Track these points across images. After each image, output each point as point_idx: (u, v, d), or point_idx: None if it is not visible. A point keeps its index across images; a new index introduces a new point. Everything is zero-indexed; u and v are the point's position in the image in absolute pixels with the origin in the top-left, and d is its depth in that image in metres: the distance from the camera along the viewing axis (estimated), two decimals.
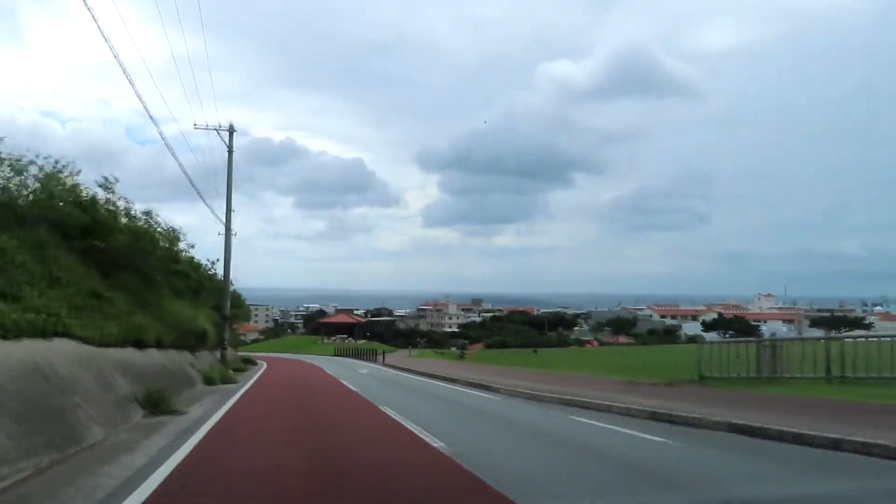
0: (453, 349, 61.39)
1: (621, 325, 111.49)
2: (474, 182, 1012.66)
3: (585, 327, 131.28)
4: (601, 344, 72.97)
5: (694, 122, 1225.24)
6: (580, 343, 74.15)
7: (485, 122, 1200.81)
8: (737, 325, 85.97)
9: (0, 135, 12.02)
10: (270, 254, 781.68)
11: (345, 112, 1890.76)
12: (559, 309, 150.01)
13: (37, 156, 13.52)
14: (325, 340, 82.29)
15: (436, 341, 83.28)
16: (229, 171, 27.88)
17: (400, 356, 51.52)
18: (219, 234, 28.52)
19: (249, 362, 34.26)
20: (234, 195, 28.21)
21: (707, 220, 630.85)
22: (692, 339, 76.94)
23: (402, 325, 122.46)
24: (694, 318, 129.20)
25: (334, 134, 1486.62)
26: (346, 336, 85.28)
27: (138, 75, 31.81)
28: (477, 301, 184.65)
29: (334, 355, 57.13)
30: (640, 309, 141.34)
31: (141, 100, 15.95)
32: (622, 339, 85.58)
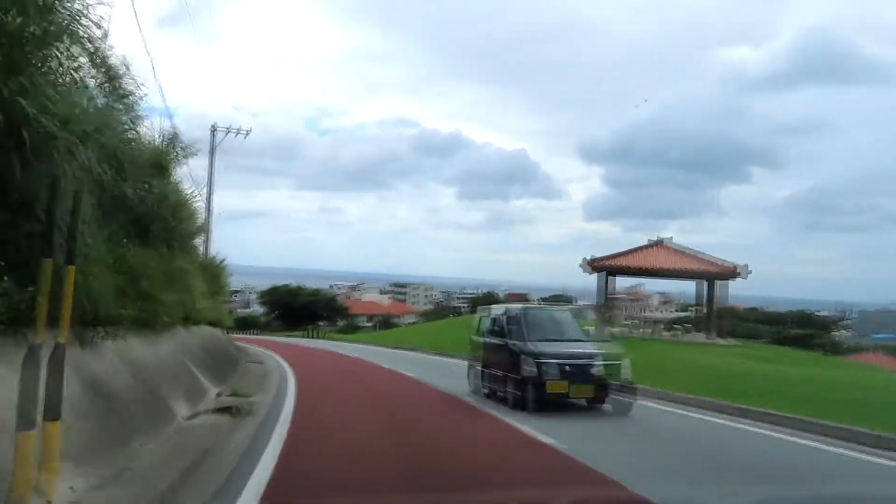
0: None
1: None
2: (637, 175, 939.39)
3: (854, 331, 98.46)
4: None
5: (892, 111, 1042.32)
6: None
7: (645, 101, 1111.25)
8: None
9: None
10: (430, 243, 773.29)
11: (506, 102, 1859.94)
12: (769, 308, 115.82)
13: None
14: None
15: None
16: None
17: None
18: None
19: None
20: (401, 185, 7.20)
21: None
22: None
23: None
24: None
25: (497, 124, 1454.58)
26: None
27: (316, 69, 11.38)
28: (664, 294, 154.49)
29: None
30: None
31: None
32: None
